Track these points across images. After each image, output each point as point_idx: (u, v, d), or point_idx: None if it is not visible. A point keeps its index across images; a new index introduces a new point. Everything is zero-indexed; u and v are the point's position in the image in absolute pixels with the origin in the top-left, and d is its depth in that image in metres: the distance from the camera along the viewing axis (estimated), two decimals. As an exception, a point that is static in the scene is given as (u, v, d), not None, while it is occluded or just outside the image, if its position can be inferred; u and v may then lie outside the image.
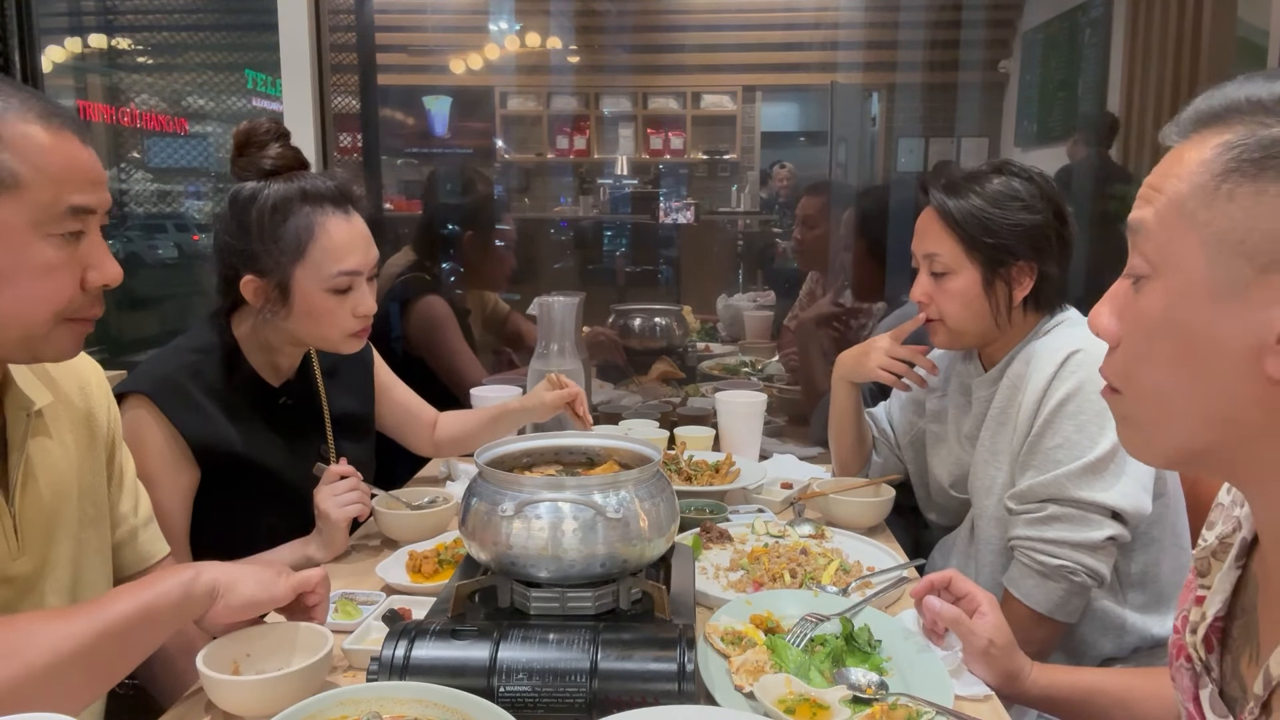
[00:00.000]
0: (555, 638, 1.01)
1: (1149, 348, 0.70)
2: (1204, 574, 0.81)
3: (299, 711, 0.90)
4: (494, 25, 4.88)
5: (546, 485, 1.09)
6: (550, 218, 5.31)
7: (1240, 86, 0.67)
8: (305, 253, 1.45)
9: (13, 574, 1.05)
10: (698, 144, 6.00)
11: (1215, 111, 0.67)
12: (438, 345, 2.39)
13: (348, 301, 1.49)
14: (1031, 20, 4.15)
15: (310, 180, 1.49)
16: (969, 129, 4.30)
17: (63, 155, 0.96)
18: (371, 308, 1.52)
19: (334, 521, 1.46)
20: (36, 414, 1.10)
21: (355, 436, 1.73)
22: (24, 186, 0.93)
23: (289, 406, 1.62)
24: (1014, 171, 1.54)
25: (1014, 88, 4.25)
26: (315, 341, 1.55)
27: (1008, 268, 1.51)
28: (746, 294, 3.73)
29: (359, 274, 1.49)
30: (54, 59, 2.86)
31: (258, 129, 1.50)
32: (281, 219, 1.45)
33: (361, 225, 1.52)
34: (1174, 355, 0.68)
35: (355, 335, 1.53)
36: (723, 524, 1.64)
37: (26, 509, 1.07)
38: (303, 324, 1.50)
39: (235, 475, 1.52)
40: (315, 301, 1.47)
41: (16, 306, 0.96)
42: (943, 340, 1.62)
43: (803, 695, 1.04)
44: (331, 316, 1.49)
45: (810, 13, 4.74)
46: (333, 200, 1.48)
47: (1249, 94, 0.65)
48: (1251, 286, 0.63)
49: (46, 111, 0.96)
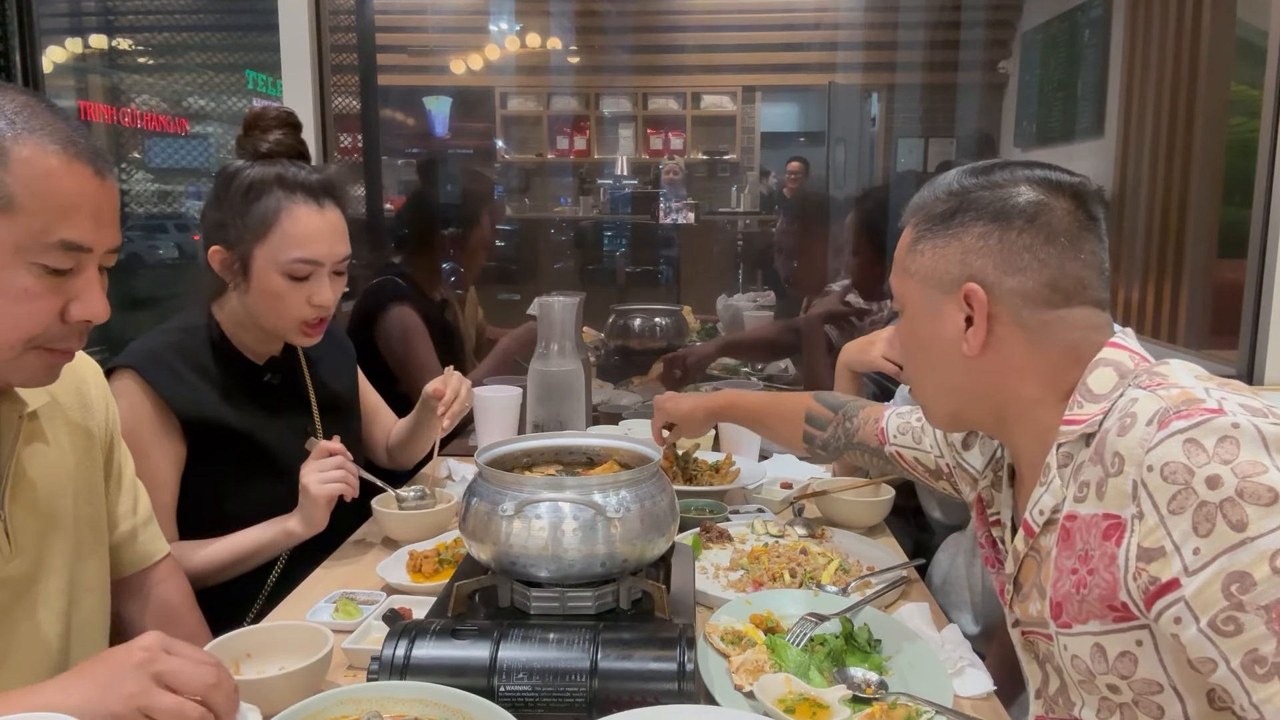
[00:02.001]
0: (555, 637, 1.02)
1: (906, 353, 1.09)
2: (990, 503, 1.13)
3: (299, 711, 0.91)
4: (494, 26, 4.89)
5: (547, 485, 1.09)
6: (550, 218, 5.32)
7: (933, 187, 1.03)
8: (268, 233, 1.49)
9: (6, 576, 1.05)
10: (698, 144, 6.01)
11: (914, 205, 1.04)
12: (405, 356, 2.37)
13: (304, 289, 1.52)
14: (1031, 20, 4.15)
15: (291, 168, 1.53)
16: (968, 129, 4.30)
17: (67, 187, 0.92)
18: (328, 299, 1.54)
19: (313, 497, 1.46)
20: (30, 415, 1.09)
21: (341, 419, 1.74)
22: (17, 210, 0.90)
23: (274, 385, 1.64)
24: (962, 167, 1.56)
25: (1013, 88, 4.26)
26: (271, 326, 1.56)
27: None
28: (746, 294, 3.73)
29: (318, 264, 1.52)
30: (55, 59, 2.87)
31: (266, 113, 1.56)
32: (255, 198, 1.50)
33: (334, 219, 1.54)
34: (918, 354, 1.05)
35: (309, 326, 1.55)
36: (722, 524, 1.64)
37: (18, 511, 1.06)
38: (259, 304, 1.54)
39: (223, 448, 1.53)
40: (271, 282, 1.51)
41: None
42: None
43: (802, 695, 1.05)
44: (284, 301, 1.52)
45: (810, 13, 4.74)
46: (307, 189, 1.52)
47: (930, 192, 1.02)
48: (943, 303, 0.99)
49: (67, 140, 0.93)
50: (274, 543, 1.49)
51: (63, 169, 0.92)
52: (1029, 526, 0.96)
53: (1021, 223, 0.94)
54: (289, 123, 1.57)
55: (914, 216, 1.04)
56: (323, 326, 1.58)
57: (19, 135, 0.90)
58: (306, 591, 1.43)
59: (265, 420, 1.58)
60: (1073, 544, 0.88)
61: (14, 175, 0.90)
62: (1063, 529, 0.90)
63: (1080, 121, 3.71)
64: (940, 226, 0.99)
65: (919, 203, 1.04)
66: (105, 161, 0.97)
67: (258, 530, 1.49)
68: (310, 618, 1.28)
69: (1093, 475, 0.86)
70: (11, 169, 0.90)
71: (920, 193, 1.05)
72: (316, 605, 1.33)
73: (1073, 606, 0.88)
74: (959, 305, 0.97)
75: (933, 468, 1.33)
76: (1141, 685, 0.85)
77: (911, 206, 1.05)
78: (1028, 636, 1.01)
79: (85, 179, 0.94)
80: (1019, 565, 0.99)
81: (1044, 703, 1.01)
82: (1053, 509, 0.92)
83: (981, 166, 1.00)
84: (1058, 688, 0.98)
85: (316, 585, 1.46)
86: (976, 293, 0.95)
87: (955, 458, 1.25)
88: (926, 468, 1.35)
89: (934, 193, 1.02)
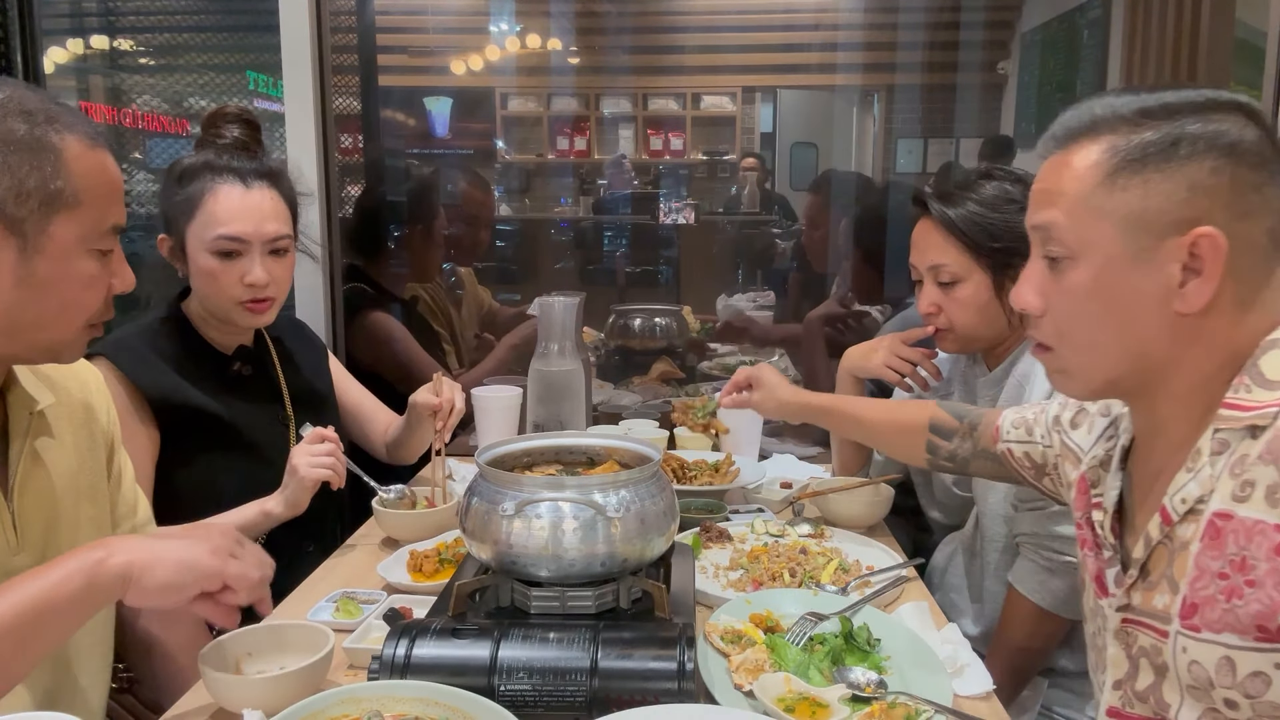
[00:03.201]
0: (555, 636, 1.02)
1: (1081, 309, 0.90)
2: (1095, 484, 1.03)
3: (300, 710, 0.91)
4: (494, 26, 4.89)
5: (547, 485, 1.09)
6: (550, 218, 5.31)
7: (1099, 104, 0.87)
8: (194, 214, 1.55)
9: (12, 569, 1.06)
10: (698, 144, 6.00)
11: (1085, 126, 0.87)
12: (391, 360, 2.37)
13: (235, 268, 1.56)
14: (1030, 21, 4.16)
15: (224, 154, 1.59)
16: (968, 130, 4.30)
17: (108, 177, 1.02)
18: (259, 278, 1.56)
19: (300, 478, 1.48)
20: (39, 414, 1.11)
21: (314, 412, 1.75)
22: (82, 205, 0.99)
23: (245, 376, 1.67)
24: (1003, 175, 1.56)
25: (1013, 88, 4.26)
26: (213, 308, 1.60)
27: (1015, 268, 1.50)
28: (746, 294, 3.73)
29: (243, 241, 1.55)
30: (56, 60, 2.87)
31: (222, 112, 1.65)
32: (187, 183, 1.57)
33: (260, 199, 1.58)
34: (1102, 312, 0.88)
35: (247, 305, 1.58)
36: (722, 523, 1.64)
37: (26, 506, 1.08)
38: (199, 286, 1.59)
39: (196, 433, 1.56)
40: (202, 262, 1.56)
41: (59, 314, 1.02)
42: (953, 347, 1.63)
43: (802, 694, 1.05)
44: (218, 280, 1.56)
45: (810, 14, 4.74)
46: (235, 172, 1.57)
47: (1109, 109, 0.86)
48: (1156, 250, 0.84)
49: (93, 133, 1.01)
50: (253, 524, 1.49)
51: (102, 159, 1.01)
52: (1166, 513, 0.87)
53: (1253, 158, 0.82)
54: (244, 119, 1.64)
55: (1099, 141, 0.86)
56: (267, 305, 1.60)
57: (63, 136, 0.98)
58: (307, 591, 1.43)
59: (237, 406, 1.61)
60: (1223, 545, 0.81)
61: (72, 173, 0.98)
62: (1211, 525, 0.82)
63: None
64: (1157, 157, 0.83)
65: (1104, 123, 0.86)
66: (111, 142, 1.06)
67: (235, 513, 1.50)
68: (311, 617, 1.28)
69: (1263, 477, 0.78)
70: (70, 168, 0.98)
71: (1091, 112, 0.87)
72: (317, 605, 1.33)
73: (1211, 613, 0.81)
74: (1176, 253, 0.83)
75: (1039, 461, 1.23)
76: (1268, 708, 0.79)
77: (1084, 127, 0.87)
78: (1130, 626, 0.93)
79: (112, 165, 1.04)
80: (1150, 551, 0.90)
81: (1123, 695, 0.94)
82: (1197, 499, 0.84)
83: (1155, 88, 0.86)
84: (1149, 684, 0.91)
85: (317, 585, 1.46)
86: (1214, 239, 0.81)
87: (1062, 438, 1.16)
88: (1034, 463, 1.25)
89: (1120, 113, 0.85)
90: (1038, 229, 0.92)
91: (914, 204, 1.60)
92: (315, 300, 2.13)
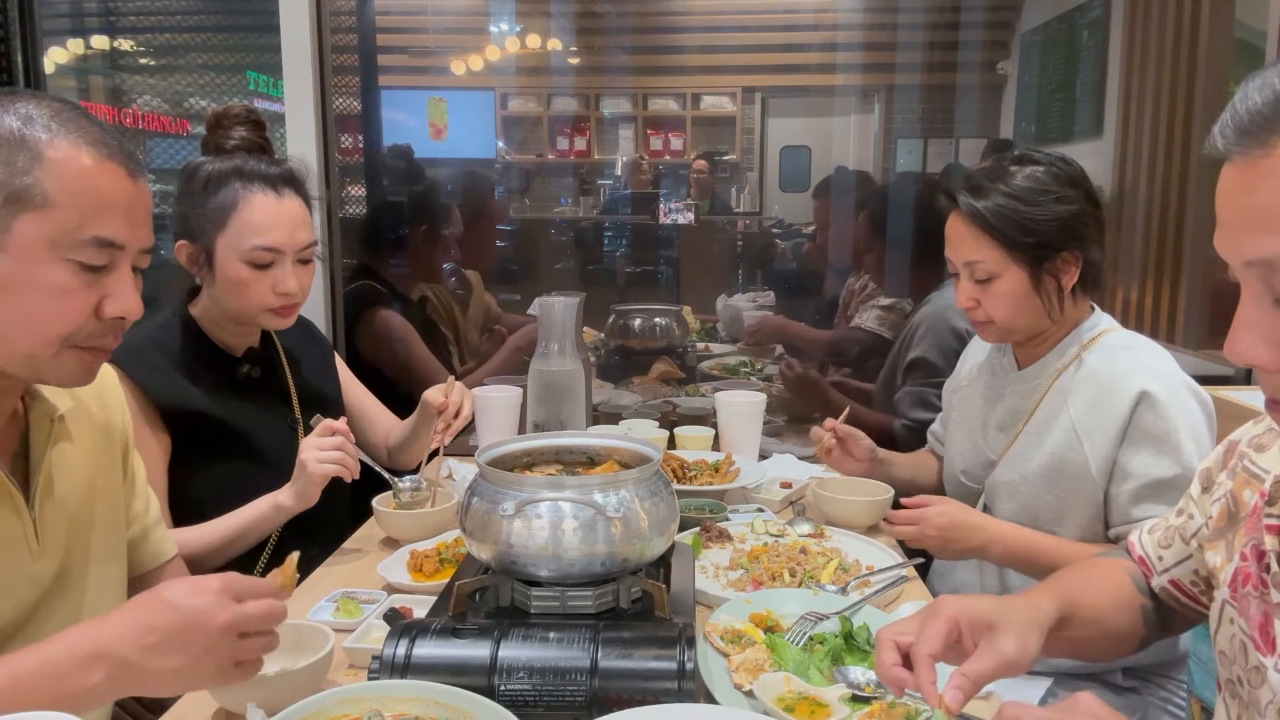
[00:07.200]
0: (556, 636, 1.02)
1: None
2: (1274, 502, 0.81)
3: (300, 710, 0.91)
4: (494, 27, 4.89)
5: (547, 485, 1.09)
6: (551, 218, 5.31)
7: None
8: (227, 223, 1.53)
9: (35, 574, 1.06)
10: (698, 145, 6.00)
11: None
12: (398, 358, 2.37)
13: (267, 277, 1.54)
14: (1030, 21, 4.16)
15: (250, 161, 1.57)
16: (968, 130, 4.31)
17: (101, 185, 0.96)
18: (292, 287, 1.56)
19: (309, 473, 1.47)
20: (59, 419, 1.11)
21: (323, 413, 1.74)
22: (51, 207, 0.94)
23: (253, 378, 1.66)
24: (1036, 160, 1.50)
25: (1012, 89, 4.26)
26: (238, 314, 1.59)
27: (1053, 261, 1.49)
28: (746, 294, 3.74)
29: (278, 251, 1.54)
30: (56, 60, 2.87)
31: (228, 113, 1.62)
32: (214, 190, 1.54)
33: (292, 208, 1.57)
34: None
35: (275, 311, 1.58)
36: (722, 523, 1.64)
37: (47, 512, 1.08)
38: (226, 294, 1.57)
39: (206, 438, 1.55)
40: (234, 272, 1.54)
41: (22, 322, 0.96)
42: (994, 337, 1.61)
43: (802, 693, 1.05)
44: (248, 289, 1.54)
45: (810, 14, 4.75)
46: (265, 180, 1.56)
47: None
48: None
49: (100, 141, 0.97)
50: (265, 518, 1.49)
51: (96, 168, 0.96)
52: None
53: None
54: (251, 120, 1.62)
55: None
56: (292, 311, 1.60)
57: (54, 138, 0.94)
58: (307, 591, 1.43)
59: (246, 410, 1.61)
60: None
61: (48, 173, 0.93)
62: None
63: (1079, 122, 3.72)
64: None
65: None
66: (137, 164, 1.01)
67: (248, 508, 1.50)
68: (311, 617, 1.28)
69: None
70: (46, 168, 0.93)
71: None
72: (317, 604, 1.33)
73: None
74: None
75: (1205, 573, 0.98)
76: None
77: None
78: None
79: (118, 178, 0.98)
80: None
81: None
82: None
83: None
84: None
85: (317, 584, 1.46)
86: None
87: (1244, 465, 0.92)
88: (1199, 576, 1.00)
89: None
90: (1256, 265, 0.67)
91: (944, 198, 1.56)
92: (316, 300, 2.13)
